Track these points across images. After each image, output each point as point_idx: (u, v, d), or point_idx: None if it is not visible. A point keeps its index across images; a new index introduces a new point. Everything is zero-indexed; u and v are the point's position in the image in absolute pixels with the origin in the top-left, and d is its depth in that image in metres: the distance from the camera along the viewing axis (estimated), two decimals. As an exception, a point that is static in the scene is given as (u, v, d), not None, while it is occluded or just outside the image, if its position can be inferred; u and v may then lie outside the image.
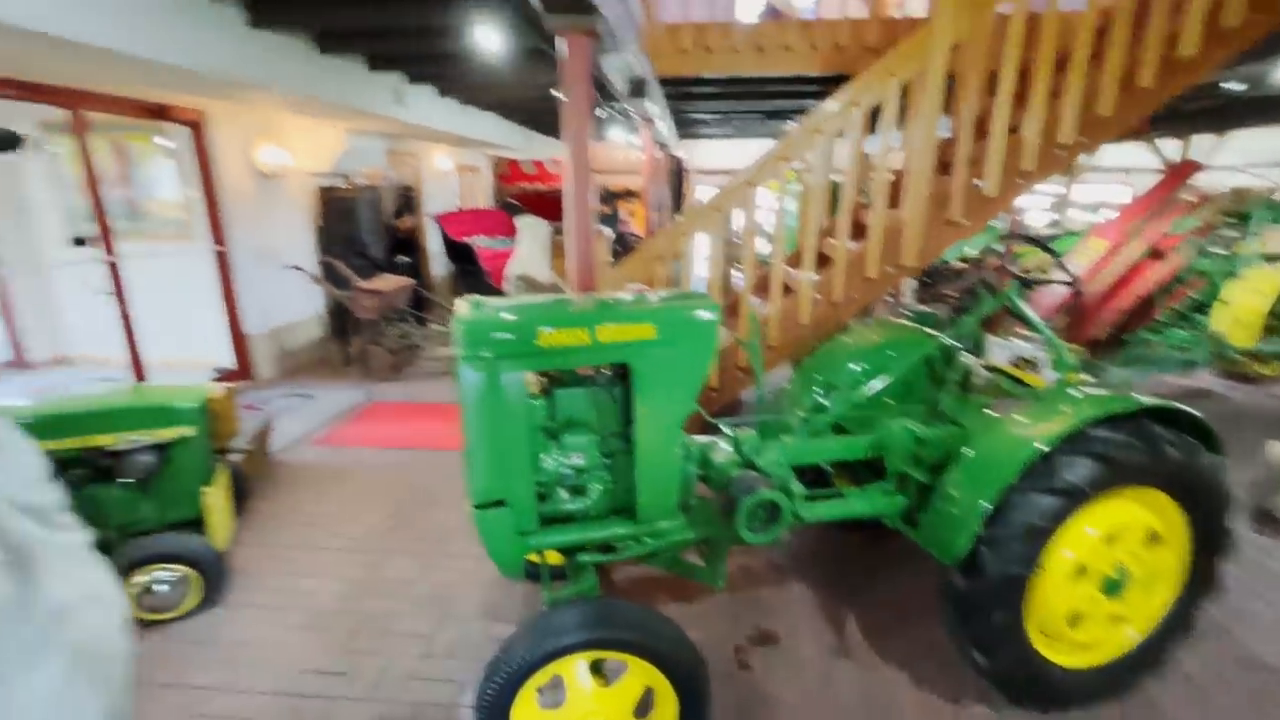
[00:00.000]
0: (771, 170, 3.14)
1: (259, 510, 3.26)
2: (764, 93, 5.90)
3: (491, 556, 1.76)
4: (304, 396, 4.96)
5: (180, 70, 3.26)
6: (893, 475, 2.15)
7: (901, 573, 2.68)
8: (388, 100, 5.08)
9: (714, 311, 1.76)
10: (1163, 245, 5.07)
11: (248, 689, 2.09)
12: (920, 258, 3.17)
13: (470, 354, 1.58)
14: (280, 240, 5.57)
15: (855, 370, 2.58)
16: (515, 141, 8.86)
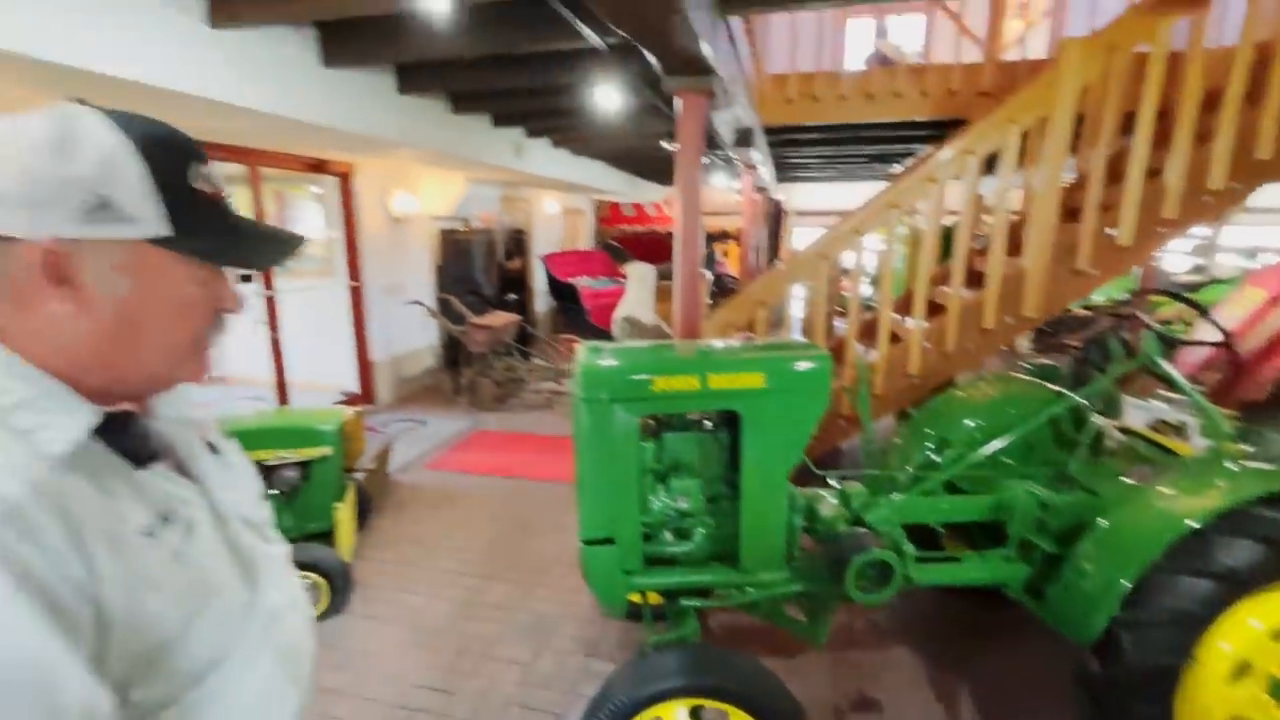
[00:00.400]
0: (880, 218, 3.11)
1: (377, 527, 3.52)
2: (870, 138, 5.85)
3: (596, 592, 1.82)
4: (417, 422, 5.34)
5: (342, 133, 3.72)
6: (1014, 541, 2.02)
7: (1019, 647, 2.47)
8: (508, 153, 5.51)
9: (825, 362, 1.77)
10: (1338, 297, 4.47)
11: (368, 696, 2.25)
12: (1043, 309, 3.00)
13: (589, 396, 1.68)
14: (405, 277, 6.11)
15: (971, 427, 2.47)
16: (619, 186, 9.26)
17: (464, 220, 6.87)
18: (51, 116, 0.58)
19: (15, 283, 0.58)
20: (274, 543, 0.87)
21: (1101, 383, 2.19)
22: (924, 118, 4.62)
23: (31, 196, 0.56)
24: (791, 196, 13.44)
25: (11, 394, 0.57)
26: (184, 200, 0.62)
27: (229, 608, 0.70)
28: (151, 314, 0.63)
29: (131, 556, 0.59)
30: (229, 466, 0.83)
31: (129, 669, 0.60)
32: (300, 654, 0.82)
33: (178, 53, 2.60)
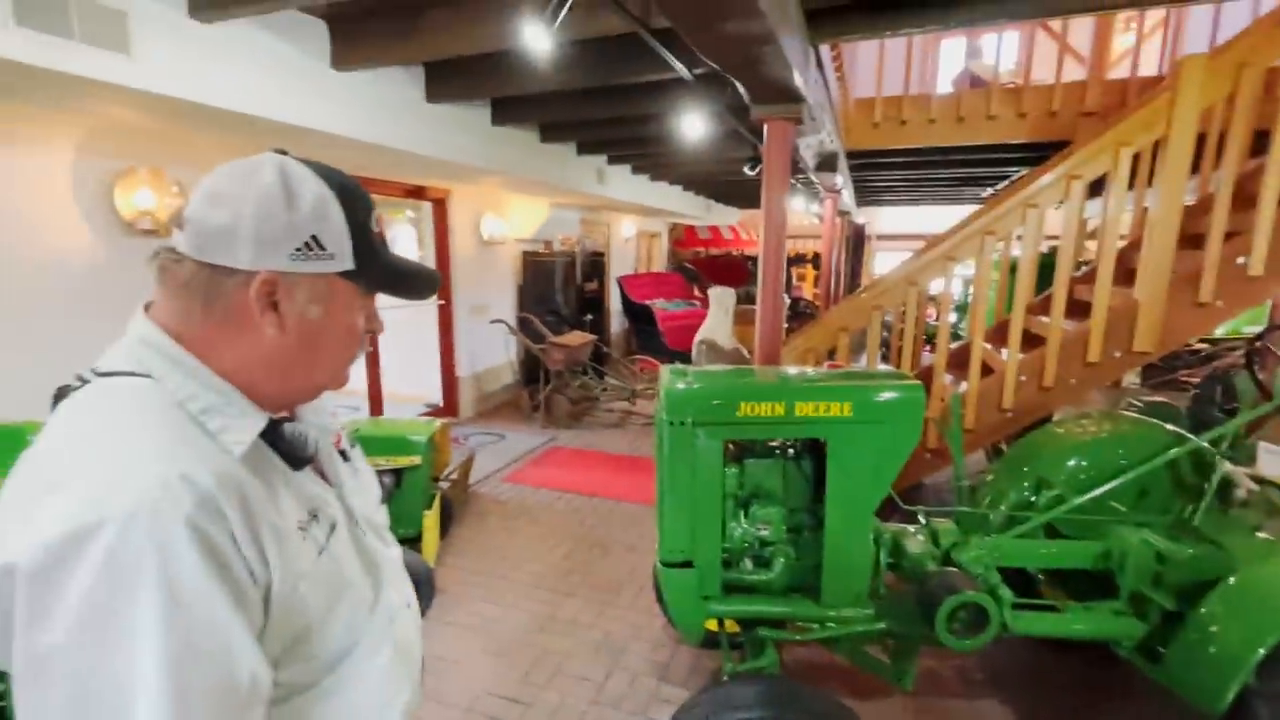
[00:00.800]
0: (974, 245, 2.99)
1: (458, 536, 3.66)
2: (959, 161, 5.66)
3: (673, 616, 1.83)
4: (496, 436, 5.53)
5: (441, 162, 3.98)
6: (1126, 594, 1.86)
7: (1126, 710, 2.26)
8: (590, 179, 5.70)
9: (918, 393, 1.71)
10: None
11: (445, 700, 2.33)
12: (1158, 343, 2.78)
13: (673, 418, 1.70)
14: (490, 297, 6.39)
15: (1074, 466, 2.31)
16: (696, 210, 9.35)
17: (546, 243, 7.13)
18: (275, 166, 0.68)
19: (230, 307, 0.67)
20: (391, 545, 0.94)
21: (1231, 425, 2.00)
22: (1020, 140, 4.43)
23: (260, 235, 0.66)
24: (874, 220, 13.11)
25: (200, 400, 0.66)
26: (365, 240, 0.72)
27: (359, 602, 0.77)
28: (330, 336, 0.73)
29: (290, 548, 0.67)
30: (357, 472, 0.91)
31: (280, 651, 0.67)
32: (413, 651, 0.88)
33: (308, 95, 2.89)
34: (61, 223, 2.85)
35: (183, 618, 0.55)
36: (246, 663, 0.59)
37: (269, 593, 0.64)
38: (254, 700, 0.61)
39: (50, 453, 0.61)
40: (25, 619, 0.53)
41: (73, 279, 2.89)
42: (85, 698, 0.52)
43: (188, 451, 0.61)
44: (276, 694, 0.68)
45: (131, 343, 0.68)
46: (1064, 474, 2.30)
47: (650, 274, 9.10)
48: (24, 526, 0.55)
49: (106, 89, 2.26)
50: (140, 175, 3.03)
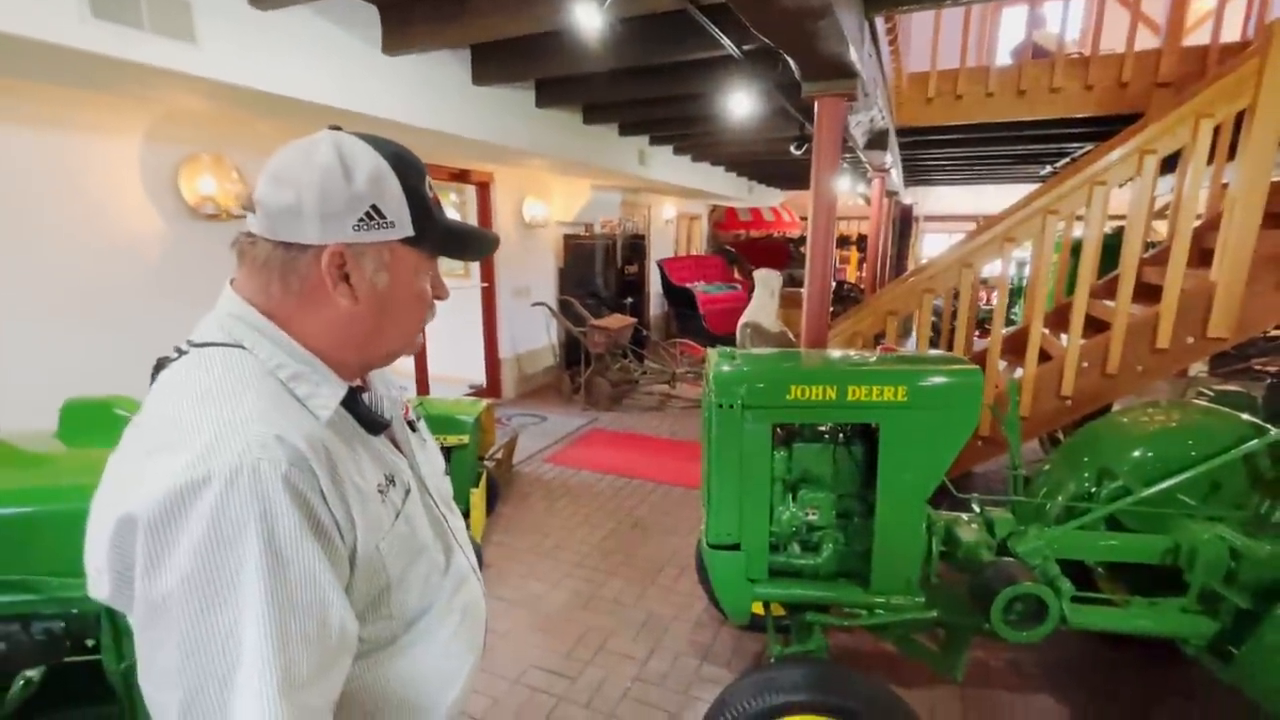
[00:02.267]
0: (1035, 225, 2.86)
1: (502, 514, 3.75)
2: (1016, 137, 5.41)
3: (720, 598, 1.83)
4: (538, 417, 5.61)
5: (486, 144, 4.01)
6: (1195, 591, 1.78)
7: (1192, 713, 2.17)
8: (632, 160, 5.67)
9: (975, 378, 1.66)
10: None
11: (494, 671, 2.41)
12: (1235, 329, 2.62)
13: (722, 400, 1.69)
14: (532, 280, 6.45)
15: (1140, 457, 2.20)
16: (738, 192, 9.21)
17: (587, 225, 7.14)
18: (330, 144, 0.70)
19: (306, 281, 0.70)
20: (457, 515, 0.97)
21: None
22: (1086, 114, 4.20)
23: (325, 211, 0.68)
24: (922, 201, 12.69)
25: (289, 368, 0.70)
26: (422, 206, 0.73)
27: (432, 565, 0.80)
28: (400, 302, 0.75)
29: (371, 509, 0.70)
30: (425, 443, 0.94)
31: (363, 607, 0.71)
32: (479, 615, 0.92)
33: (360, 79, 2.94)
34: (132, 208, 2.99)
35: (281, 568, 0.59)
36: (337, 613, 0.63)
37: (354, 550, 0.67)
38: (343, 649, 0.64)
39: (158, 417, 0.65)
40: (143, 567, 0.58)
41: (143, 262, 3.04)
42: (196, 640, 0.56)
43: (281, 415, 0.64)
44: (360, 648, 0.72)
45: (221, 316, 0.71)
46: (1128, 465, 2.20)
47: (690, 257, 9.03)
48: (140, 483, 0.59)
49: (174, 77, 2.34)
50: (203, 161, 3.15)
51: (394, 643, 0.76)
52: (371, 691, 0.75)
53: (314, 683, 0.60)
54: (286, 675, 0.57)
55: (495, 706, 2.23)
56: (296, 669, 0.58)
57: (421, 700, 0.79)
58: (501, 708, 2.22)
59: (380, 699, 0.75)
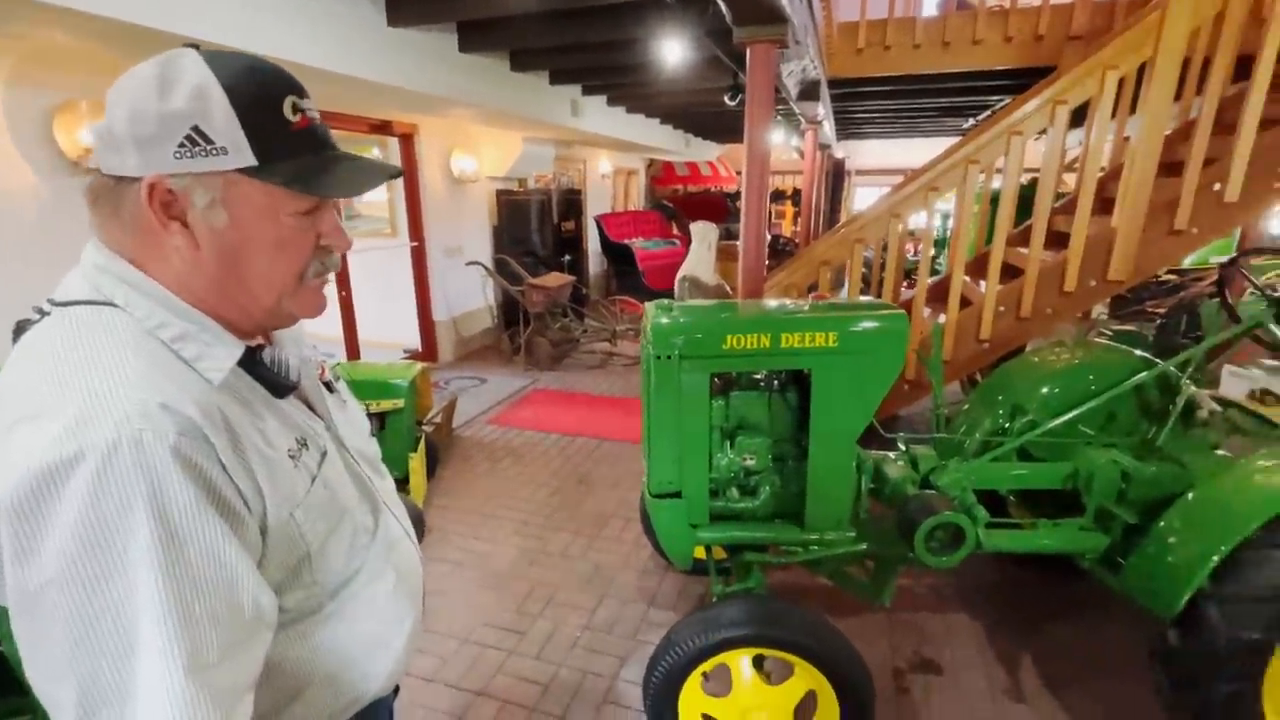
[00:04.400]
0: (957, 175, 2.96)
1: (444, 477, 3.70)
2: (941, 90, 5.54)
3: (663, 544, 1.88)
4: (478, 379, 5.51)
5: (405, 92, 3.77)
6: (1092, 511, 1.96)
7: (1092, 618, 2.42)
8: (565, 111, 5.47)
9: (900, 323, 1.73)
10: None
11: (442, 632, 2.41)
12: (1132, 272, 2.83)
13: (660, 353, 1.70)
14: (464, 238, 6.22)
15: (1048, 393, 2.37)
16: (675, 145, 9.09)
17: (520, 181, 6.91)
18: (159, 58, 0.61)
19: (139, 222, 0.61)
20: (386, 477, 0.94)
21: (1199, 349, 2.06)
22: (1006, 66, 4.33)
23: (139, 136, 0.58)
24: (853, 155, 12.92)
25: (172, 327, 0.63)
26: (271, 130, 0.62)
27: (358, 529, 0.77)
28: (250, 247, 0.65)
29: (282, 475, 0.65)
30: (345, 405, 0.89)
31: (282, 577, 0.67)
32: (415, 578, 0.90)
33: (256, 14, 2.67)
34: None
35: (178, 546, 0.54)
36: (248, 588, 0.59)
37: (265, 520, 0.63)
38: (260, 625, 0.61)
39: (16, 387, 0.58)
40: (12, 555, 0.52)
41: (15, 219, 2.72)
42: (86, 630, 0.52)
43: (166, 380, 0.58)
44: (283, 619, 0.68)
45: (86, 269, 0.64)
46: (1037, 400, 2.37)
47: (629, 212, 8.91)
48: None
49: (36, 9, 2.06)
50: (81, 109, 2.83)
51: (321, 610, 0.73)
52: (303, 660, 0.72)
53: (225, 662, 0.56)
54: (194, 657, 0.53)
55: (444, 666, 2.24)
56: (205, 650, 0.54)
57: (357, 663, 0.78)
58: (450, 667, 2.24)
59: (312, 666, 0.73)
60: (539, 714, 2.04)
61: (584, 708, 2.05)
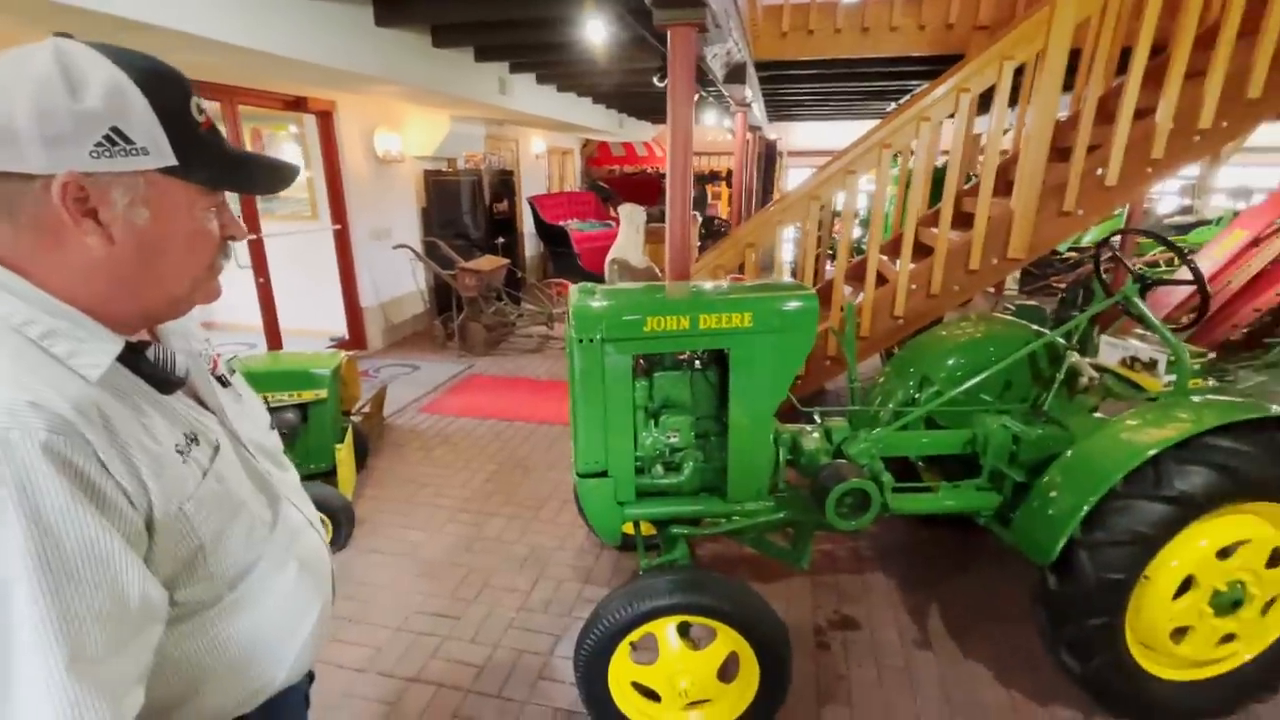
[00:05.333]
0: (873, 158, 3.09)
1: (376, 467, 3.62)
2: (866, 74, 5.72)
3: (592, 522, 1.92)
4: (410, 367, 5.38)
5: (317, 67, 3.59)
6: (987, 472, 2.13)
7: (989, 570, 2.64)
8: (492, 89, 5.34)
9: (811, 302, 1.81)
10: (1319, 238, 4.53)
11: (374, 622, 2.39)
12: (1029, 250, 3.04)
13: (582, 336, 1.72)
14: (391, 221, 6.01)
15: (952, 365, 2.55)
16: (608, 125, 9.01)
17: (449, 161, 6.71)
18: (50, 52, 0.59)
19: (40, 219, 0.60)
20: (287, 469, 0.94)
21: (1076, 321, 2.26)
22: (920, 53, 4.51)
23: (48, 134, 0.58)
24: (787, 136, 13.16)
25: (39, 324, 0.61)
26: (186, 131, 0.65)
27: (255, 521, 0.77)
28: (170, 242, 0.67)
29: (169, 471, 0.65)
30: (240, 399, 0.89)
31: (175, 571, 0.67)
32: (321, 566, 0.90)
33: (146, -18, 2.48)
34: None
35: (53, 543, 0.54)
36: (133, 582, 0.59)
37: (151, 515, 0.63)
38: (147, 618, 0.61)
39: None
40: None
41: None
42: None
43: (34, 378, 0.57)
44: (178, 612, 0.69)
45: None
46: (944, 371, 2.55)
47: (563, 194, 8.81)
48: None
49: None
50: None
51: (219, 602, 0.73)
52: (204, 651, 0.72)
53: (112, 656, 0.57)
54: (76, 652, 0.53)
55: (378, 655, 2.23)
56: (88, 644, 0.54)
57: (261, 654, 0.78)
58: (384, 656, 2.22)
59: (214, 657, 0.73)
60: (474, 695, 2.06)
61: (519, 685, 2.09)
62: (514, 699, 2.04)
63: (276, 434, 0.98)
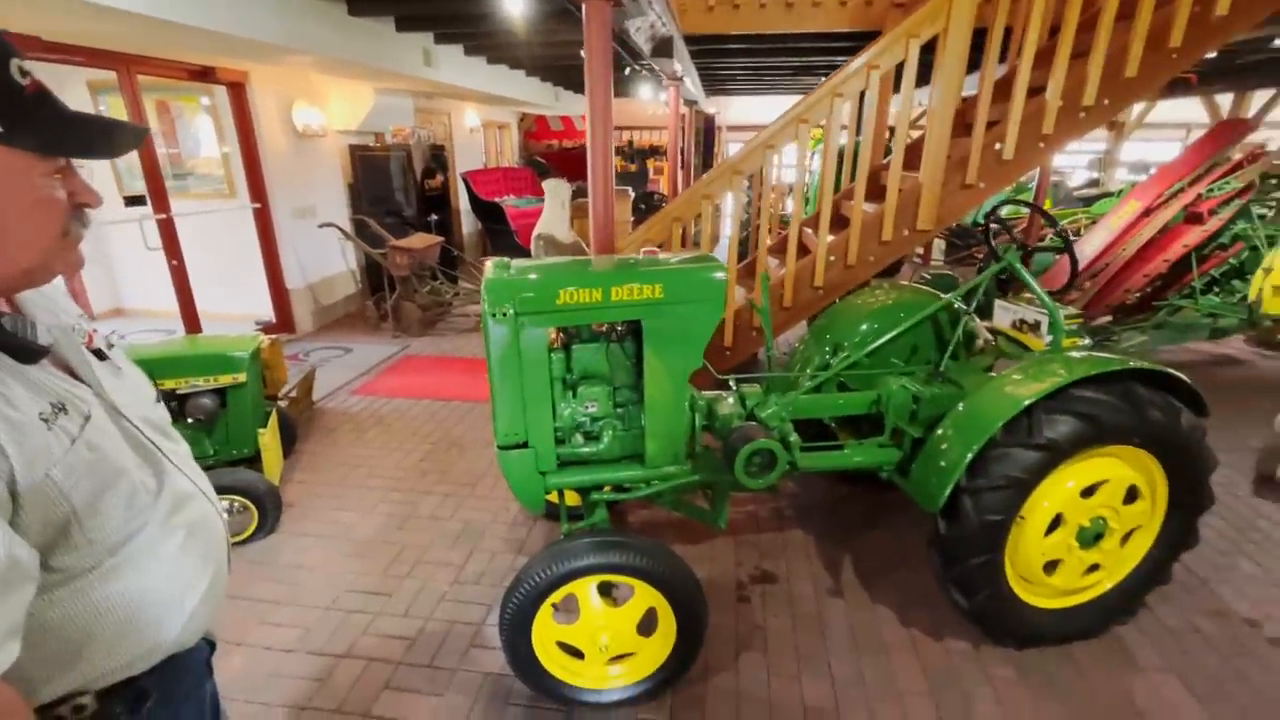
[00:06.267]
0: (791, 132, 3.18)
1: (305, 452, 3.55)
2: (795, 49, 5.81)
3: (514, 492, 1.97)
4: (342, 349, 5.25)
5: (223, 36, 3.40)
6: (889, 430, 2.29)
7: (897, 522, 2.83)
8: (417, 61, 5.17)
9: (720, 273, 1.88)
10: (1201, 208, 4.94)
11: (304, 603, 2.38)
12: (936, 221, 3.21)
13: (495, 310, 1.75)
14: (315, 198, 5.78)
15: (865, 330, 2.69)
16: (543, 99, 8.85)
17: (377, 135, 6.47)
18: None
19: None
20: (175, 440, 0.95)
21: (968, 285, 2.42)
22: (842, 29, 4.63)
23: None
24: (726, 111, 13.22)
25: None
26: (10, 97, 0.64)
27: (137, 489, 0.79)
28: (10, 211, 0.67)
29: (31, 437, 0.67)
30: (119, 372, 0.89)
31: (48, 537, 0.69)
32: (212, 534, 0.93)
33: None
34: None
35: None
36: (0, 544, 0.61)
37: (14, 479, 0.65)
38: (15, 576, 0.63)
39: None
40: None
41: None
42: None
43: None
44: (54, 578, 0.71)
45: None
46: (857, 337, 2.68)
47: (499, 169, 8.64)
48: None
49: None
50: None
51: (99, 567, 0.75)
52: (85, 614, 0.74)
53: None
54: None
55: (307, 635, 2.23)
56: None
57: (147, 618, 0.80)
58: (314, 635, 2.23)
59: (97, 620, 0.75)
60: (405, 667, 2.10)
61: (450, 654, 2.14)
62: (445, 667, 2.09)
63: (164, 406, 0.99)
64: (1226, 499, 2.97)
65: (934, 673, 2.05)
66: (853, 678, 2.04)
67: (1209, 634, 2.19)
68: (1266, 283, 4.57)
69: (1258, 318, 4.60)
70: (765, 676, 2.04)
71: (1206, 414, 2.01)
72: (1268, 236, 4.94)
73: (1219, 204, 4.90)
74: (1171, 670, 2.04)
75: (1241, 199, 4.91)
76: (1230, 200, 4.90)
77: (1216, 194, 4.90)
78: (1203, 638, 2.18)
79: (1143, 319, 5.02)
